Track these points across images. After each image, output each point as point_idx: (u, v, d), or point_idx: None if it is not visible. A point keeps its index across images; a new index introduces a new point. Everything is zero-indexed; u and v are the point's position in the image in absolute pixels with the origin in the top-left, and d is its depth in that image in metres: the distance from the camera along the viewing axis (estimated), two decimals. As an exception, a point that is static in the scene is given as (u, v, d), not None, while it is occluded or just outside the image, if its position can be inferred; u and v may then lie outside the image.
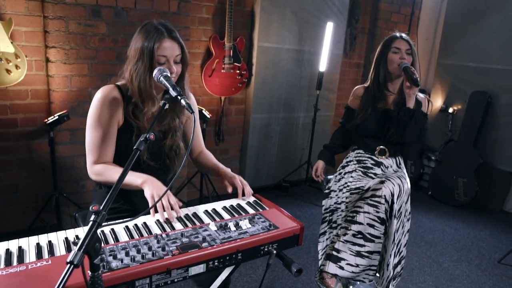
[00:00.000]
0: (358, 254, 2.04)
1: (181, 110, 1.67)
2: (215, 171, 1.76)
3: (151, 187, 1.44)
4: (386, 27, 4.72)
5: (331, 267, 2.08)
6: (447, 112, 4.50)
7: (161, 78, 1.40)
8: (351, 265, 2.05)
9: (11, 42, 2.51)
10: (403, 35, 2.20)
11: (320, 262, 2.28)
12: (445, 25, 4.61)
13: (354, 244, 2.05)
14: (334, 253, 2.09)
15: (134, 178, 1.49)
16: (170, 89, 1.32)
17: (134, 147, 1.12)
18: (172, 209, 1.43)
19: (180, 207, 1.47)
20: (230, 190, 1.65)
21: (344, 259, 2.06)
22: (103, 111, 1.54)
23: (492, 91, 4.09)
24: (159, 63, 1.50)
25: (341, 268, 2.06)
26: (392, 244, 2.03)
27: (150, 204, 1.40)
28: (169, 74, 1.41)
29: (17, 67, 2.55)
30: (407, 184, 2.16)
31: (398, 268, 2.17)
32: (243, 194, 1.63)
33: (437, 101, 4.69)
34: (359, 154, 2.31)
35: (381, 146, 2.25)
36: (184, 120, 1.75)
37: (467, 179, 4.07)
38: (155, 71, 1.44)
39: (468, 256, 3.17)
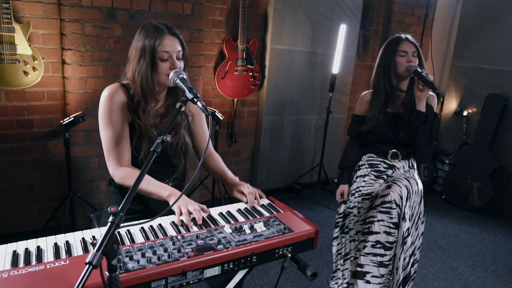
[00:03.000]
0: (381, 264, 2.04)
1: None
2: (222, 178, 1.77)
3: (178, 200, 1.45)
4: (400, 29, 4.65)
5: (360, 285, 2.08)
6: (462, 115, 4.44)
7: (177, 80, 1.41)
8: (377, 277, 2.05)
9: (29, 45, 2.56)
10: (409, 36, 2.15)
11: (341, 275, 2.28)
12: (459, 26, 4.55)
13: (375, 255, 2.05)
14: (359, 269, 2.09)
15: (161, 190, 1.50)
16: (187, 91, 1.33)
17: (151, 149, 1.12)
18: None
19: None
20: (245, 200, 1.63)
21: (368, 272, 2.06)
22: (113, 108, 1.54)
23: (508, 94, 4.02)
24: (162, 60, 1.51)
25: (368, 282, 2.06)
26: (401, 246, 2.01)
27: (177, 215, 1.42)
28: (185, 77, 1.42)
29: (34, 69, 2.59)
30: (418, 185, 2.13)
31: (412, 272, 2.15)
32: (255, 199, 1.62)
33: (452, 104, 4.62)
34: (371, 158, 2.29)
35: (394, 150, 2.22)
36: (191, 118, 1.75)
37: (482, 183, 4.00)
38: (171, 74, 1.45)
39: (484, 262, 3.11)
